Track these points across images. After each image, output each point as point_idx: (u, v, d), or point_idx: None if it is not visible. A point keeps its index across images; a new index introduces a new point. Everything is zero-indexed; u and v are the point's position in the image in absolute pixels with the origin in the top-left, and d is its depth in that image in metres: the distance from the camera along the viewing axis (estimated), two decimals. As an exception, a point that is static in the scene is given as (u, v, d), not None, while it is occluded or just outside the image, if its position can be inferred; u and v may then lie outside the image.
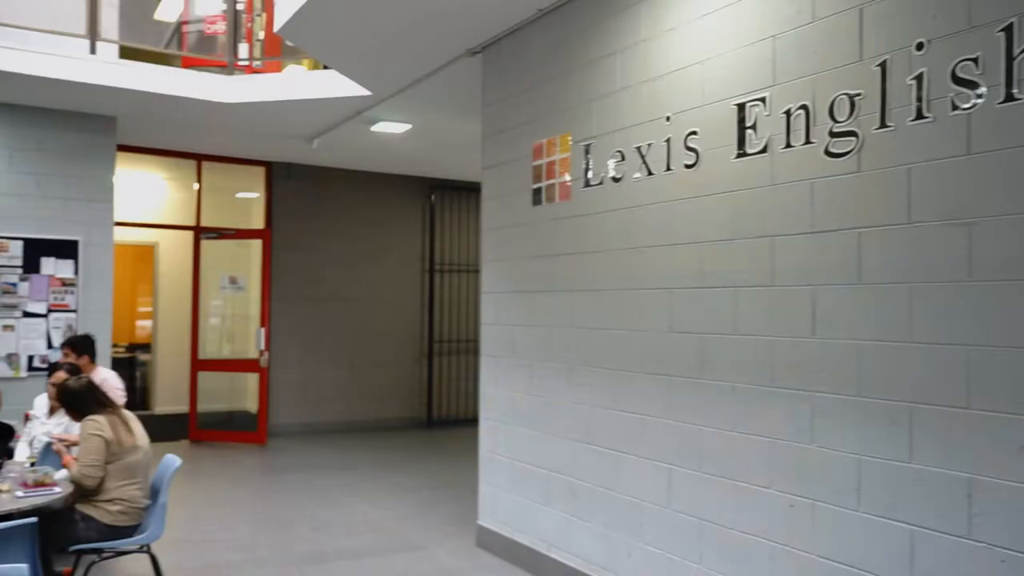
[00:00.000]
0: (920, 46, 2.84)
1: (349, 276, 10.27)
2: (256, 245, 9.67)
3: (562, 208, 4.71)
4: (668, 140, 3.94)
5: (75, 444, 4.18)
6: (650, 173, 4.05)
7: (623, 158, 4.22)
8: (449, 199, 10.88)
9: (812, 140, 3.22)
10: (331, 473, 7.66)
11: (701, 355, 3.73)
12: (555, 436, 4.73)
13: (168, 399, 10.86)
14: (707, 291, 3.71)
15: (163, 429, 8.72)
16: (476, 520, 5.51)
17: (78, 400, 4.07)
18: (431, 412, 10.68)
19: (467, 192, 10.82)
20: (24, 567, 2.43)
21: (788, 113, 3.32)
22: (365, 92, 6.67)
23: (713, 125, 3.68)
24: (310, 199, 9.99)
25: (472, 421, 10.51)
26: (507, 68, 5.26)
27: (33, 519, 3.13)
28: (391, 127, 7.76)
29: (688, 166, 3.82)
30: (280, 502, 6.57)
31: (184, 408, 9.71)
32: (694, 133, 3.79)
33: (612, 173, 4.31)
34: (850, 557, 3.04)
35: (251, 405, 9.86)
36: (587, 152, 4.50)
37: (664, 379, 3.93)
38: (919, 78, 2.85)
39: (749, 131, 3.49)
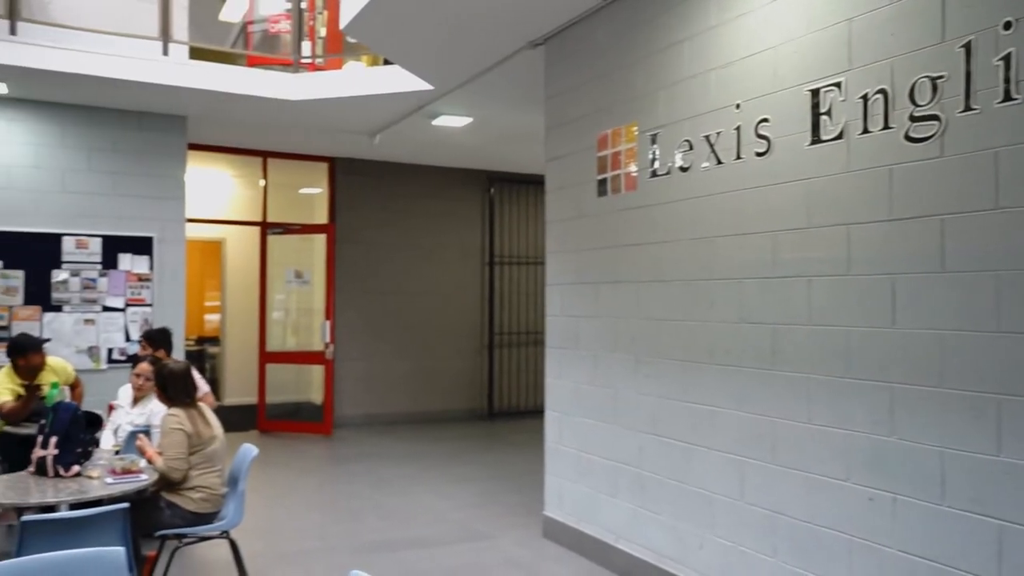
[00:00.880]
0: (1008, 25, 2.75)
1: (411, 269, 10.39)
2: (320, 240, 9.85)
3: (628, 199, 4.69)
4: (738, 128, 3.88)
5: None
6: (719, 162, 4.00)
7: (691, 147, 4.18)
8: (508, 192, 10.91)
9: (891, 125, 3.13)
10: (395, 463, 7.78)
11: (773, 346, 3.67)
12: (622, 427, 4.72)
13: (237, 390, 11.15)
14: (779, 281, 3.65)
15: (233, 420, 8.95)
16: (542, 511, 5.53)
17: (173, 383, 4.19)
18: (492, 404, 10.76)
19: (526, 185, 10.84)
20: (121, 550, 2.54)
21: (865, 98, 3.24)
22: (427, 87, 6.73)
23: (785, 112, 3.62)
24: (372, 194, 10.13)
25: (533, 412, 10.64)
26: (570, 59, 5.25)
27: (125, 505, 3.26)
28: (452, 121, 7.81)
29: (759, 154, 3.76)
30: (347, 491, 6.70)
31: (252, 399, 9.96)
32: (765, 120, 3.72)
33: (680, 163, 4.26)
34: (934, 552, 2.97)
35: (316, 396, 10.06)
36: (653, 142, 4.46)
37: (735, 370, 3.89)
38: (1006, 59, 2.75)
39: (824, 117, 3.42)
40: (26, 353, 5.43)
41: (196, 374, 5.82)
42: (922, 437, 3.01)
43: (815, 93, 3.47)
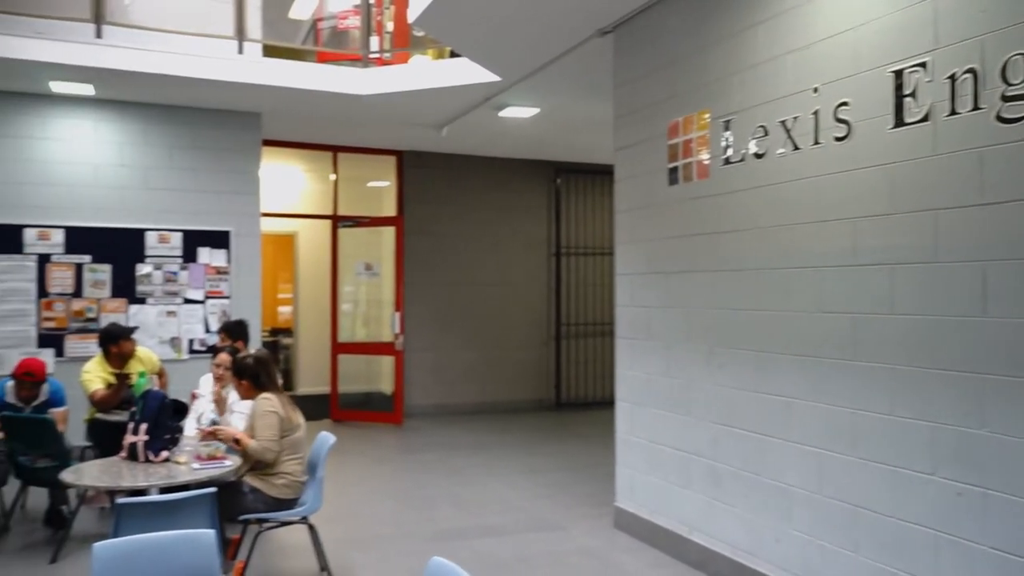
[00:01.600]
0: (1110, -2, 2.61)
1: (478, 261, 10.46)
2: (389, 232, 9.99)
3: (700, 187, 4.62)
4: (816, 112, 3.78)
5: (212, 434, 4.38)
6: (796, 148, 3.91)
7: (766, 133, 4.09)
8: (575, 182, 10.88)
9: (981, 106, 3.01)
10: (466, 453, 7.86)
11: (854, 336, 3.58)
12: (694, 418, 4.67)
13: (309, 380, 11.42)
14: (860, 269, 3.55)
15: (306, 409, 9.07)
16: (613, 501, 5.52)
17: (258, 370, 4.33)
18: (559, 394, 10.77)
19: (593, 175, 10.78)
20: (212, 532, 2.64)
21: (953, 78, 3.11)
22: (494, 78, 6.75)
23: (866, 94, 3.51)
24: (439, 186, 10.23)
25: (601, 403, 10.61)
26: (640, 46, 5.20)
27: (213, 489, 3.38)
28: (519, 112, 7.82)
29: (839, 139, 3.66)
30: (419, 480, 6.80)
31: (324, 389, 10.19)
32: (845, 104, 3.62)
33: (754, 149, 4.18)
34: (1028, 549, 2.86)
35: (386, 386, 10.23)
36: (727, 128, 4.39)
37: (812, 361, 3.81)
38: (1109, 33, 2.61)
39: (908, 99, 3.31)
40: (118, 341, 5.68)
41: None
42: (1016, 430, 2.90)
43: (899, 74, 3.35)
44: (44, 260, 7.30)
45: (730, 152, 4.37)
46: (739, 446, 4.30)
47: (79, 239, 7.39)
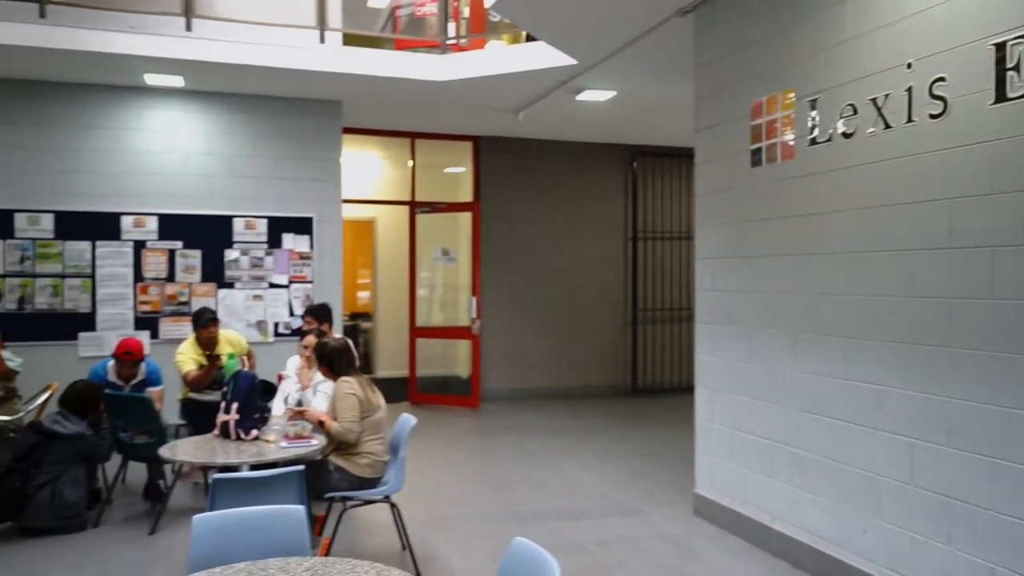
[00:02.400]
0: None
1: (553, 245, 10.45)
2: (465, 217, 10.07)
3: (785, 168, 4.51)
4: (909, 89, 3.63)
5: (299, 414, 4.53)
6: (888, 126, 3.76)
7: (855, 112, 3.96)
8: (651, 166, 10.74)
9: (1093, 78, 2.84)
10: (542, 437, 7.90)
11: (950, 321, 3.44)
12: (778, 405, 4.58)
13: (388, 364, 11.64)
14: (957, 252, 3.40)
15: (385, 392, 9.26)
16: (692, 488, 5.47)
17: (335, 358, 4.45)
18: (636, 380, 10.70)
19: (670, 158, 10.63)
20: (302, 508, 2.73)
21: (1062, 49, 2.95)
22: (571, 61, 6.71)
23: (964, 69, 3.35)
24: (515, 171, 10.25)
25: (678, 390, 10.50)
26: (722, 25, 5.08)
27: (301, 467, 3.49)
28: (596, 95, 7.76)
29: (934, 116, 3.51)
30: (496, 463, 6.87)
31: (402, 373, 10.38)
32: (941, 80, 3.47)
33: (842, 128, 4.05)
34: None
35: (462, 371, 10.35)
36: (813, 108, 4.26)
37: (904, 347, 3.68)
38: None
39: (1011, 73, 3.15)
40: (201, 326, 5.91)
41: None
42: None
43: (1000, 47, 3.19)
44: (140, 246, 7.64)
45: (816, 132, 4.24)
46: (825, 434, 4.19)
47: (171, 226, 7.71)
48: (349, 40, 7.63)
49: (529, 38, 7.21)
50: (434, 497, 5.80)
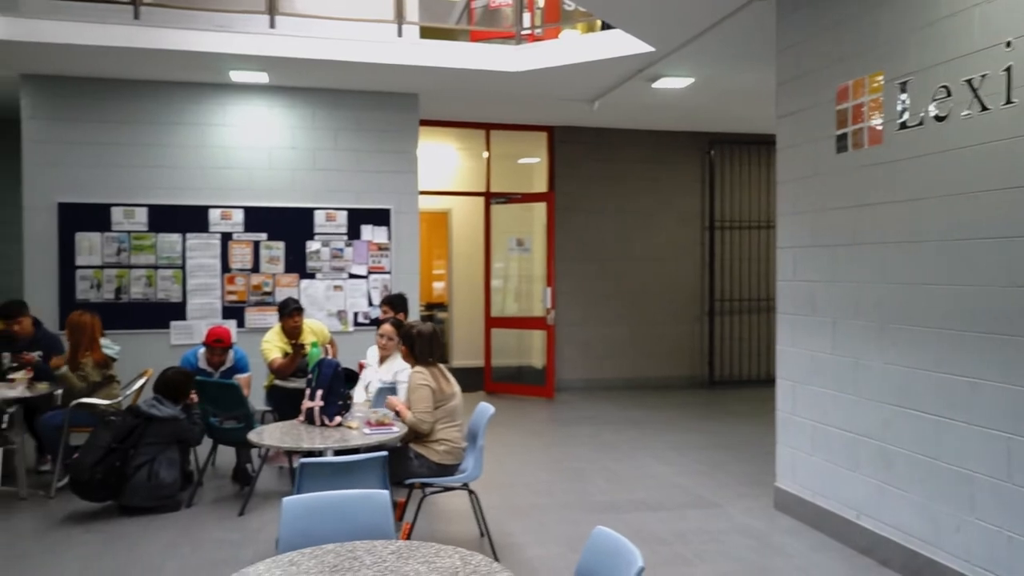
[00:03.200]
0: None
1: (628, 235, 10.37)
2: (539, 208, 10.08)
3: (872, 154, 4.36)
4: (1008, 69, 3.47)
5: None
6: (984, 108, 3.60)
7: (949, 94, 3.80)
8: (729, 153, 10.54)
9: None
10: (617, 428, 7.87)
11: (1051, 312, 3.28)
12: (863, 398, 4.45)
13: (463, 354, 11.78)
14: (1060, 239, 3.24)
15: (461, 381, 9.38)
16: (772, 482, 5.37)
17: (417, 342, 4.52)
18: (712, 372, 10.54)
19: (748, 145, 10.41)
20: (386, 493, 2.80)
21: None
22: (648, 48, 6.64)
23: (1071, 47, 3.18)
24: (589, 160, 10.20)
25: (756, 382, 10.31)
26: (806, 7, 4.94)
27: (384, 453, 3.58)
28: (673, 82, 7.65)
29: (1036, 97, 3.34)
30: (572, 453, 6.88)
31: (477, 362, 10.48)
32: (1044, 58, 3.30)
33: (934, 112, 3.89)
34: None
35: (536, 361, 10.38)
36: (903, 91, 4.11)
37: (1002, 339, 3.52)
38: None
39: (1122, 49, 2.97)
40: (285, 315, 6.09)
41: None
42: None
43: (1111, 22, 3.01)
44: (227, 238, 7.92)
45: (907, 116, 4.09)
46: (914, 428, 4.06)
47: (256, 218, 7.96)
48: (425, 33, 7.73)
49: (604, 26, 7.16)
50: (511, 485, 5.85)
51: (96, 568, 4.27)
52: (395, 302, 6.48)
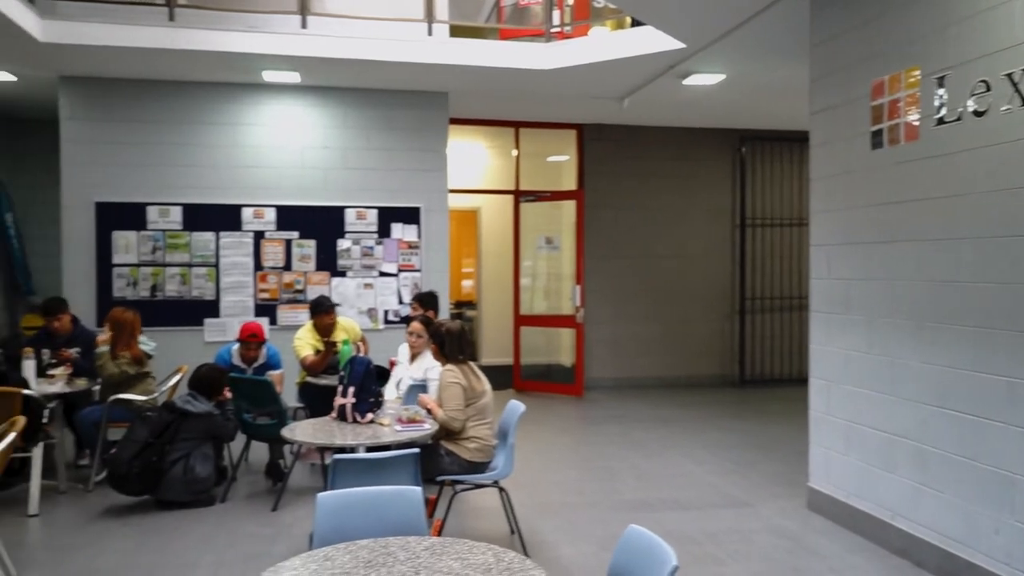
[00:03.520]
0: None
1: (658, 233, 10.32)
2: (569, 206, 10.06)
3: (908, 150, 4.30)
4: (1051, 63, 3.40)
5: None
6: (1025, 103, 3.53)
7: (988, 88, 3.73)
8: (761, 150, 10.44)
9: None
10: (647, 427, 7.83)
11: (1095, 311, 3.21)
12: (899, 398, 4.38)
13: (492, 352, 11.79)
14: (1105, 236, 3.17)
15: (490, 379, 9.43)
16: (806, 482, 5.32)
17: (447, 339, 4.55)
18: (743, 371, 10.45)
19: (781, 142, 10.30)
20: (418, 489, 2.82)
21: None
22: (679, 45, 6.59)
23: (1116, 39, 3.11)
24: (619, 158, 10.16)
25: (788, 381, 10.21)
26: (841, 2, 4.87)
27: (417, 450, 3.60)
28: (704, 79, 7.59)
29: (1079, 91, 3.27)
30: (601, 452, 6.86)
31: (507, 360, 10.49)
32: (1088, 51, 3.23)
33: (973, 107, 3.83)
34: None
35: (565, 359, 10.37)
36: (940, 85, 4.04)
37: (1043, 338, 3.46)
38: None
39: None
40: (319, 313, 6.15)
41: None
42: None
43: None
44: (259, 236, 8.01)
45: (944, 111, 4.02)
46: (952, 429, 3.99)
47: (288, 217, 8.04)
48: (455, 32, 7.75)
49: (635, 23, 7.12)
50: (540, 484, 5.85)
51: (135, 560, 4.34)
52: (425, 299, 6.52)
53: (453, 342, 4.54)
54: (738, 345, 10.49)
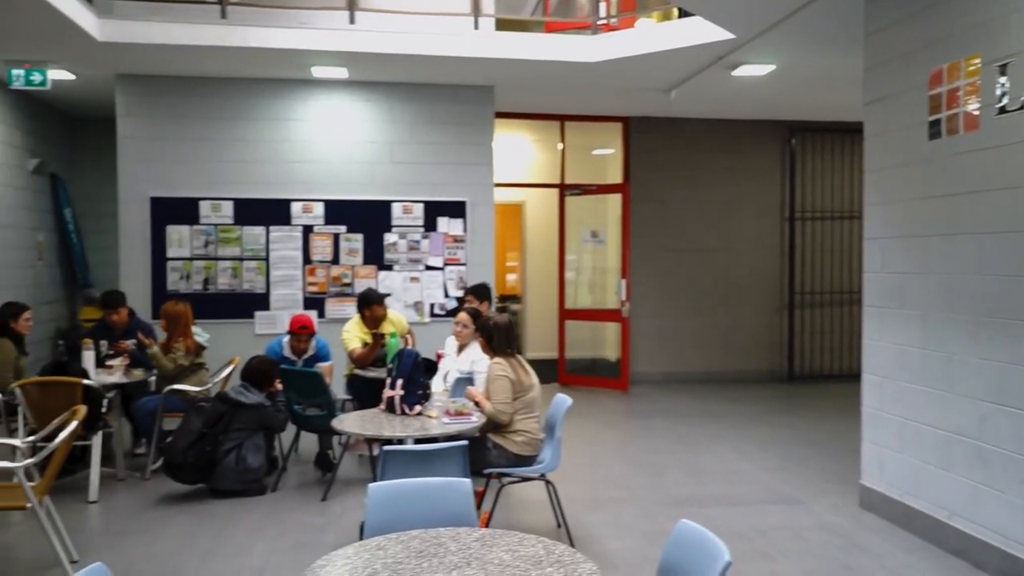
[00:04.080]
0: None
1: (704, 226, 10.20)
2: (614, 199, 10.00)
3: (967, 140, 4.18)
4: (1121, 48, 3.27)
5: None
6: (1094, 90, 3.41)
7: (1054, 76, 3.61)
8: (812, 142, 10.24)
9: None
10: (694, 421, 7.76)
11: None
12: (957, 395, 4.28)
13: (537, 345, 11.78)
14: None
15: (535, 373, 9.48)
16: (857, 479, 5.22)
17: (494, 332, 4.56)
18: (792, 366, 10.29)
19: (832, 133, 10.10)
20: (468, 481, 2.84)
21: None
22: (728, 35, 6.50)
23: None
24: (665, 151, 10.06)
25: (838, 376, 10.03)
26: (896, -11, 4.76)
27: (465, 442, 3.62)
28: (754, 70, 7.47)
29: None
30: (648, 446, 6.82)
31: (551, 354, 10.47)
32: None
33: (1038, 95, 3.71)
34: None
35: (610, 353, 10.32)
36: (1003, 73, 3.92)
37: (1111, 334, 3.34)
38: None
39: None
40: (371, 305, 6.21)
41: None
42: None
43: None
44: (308, 231, 8.12)
45: (1006, 100, 3.90)
46: (1013, 427, 3.88)
47: (336, 211, 8.14)
48: (501, 25, 7.75)
49: (682, 14, 7.03)
50: (587, 478, 5.84)
51: (191, 546, 4.45)
52: (478, 291, 6.54)
53: (501, 335, 4.55)
54: (787, 340, 10.33)
